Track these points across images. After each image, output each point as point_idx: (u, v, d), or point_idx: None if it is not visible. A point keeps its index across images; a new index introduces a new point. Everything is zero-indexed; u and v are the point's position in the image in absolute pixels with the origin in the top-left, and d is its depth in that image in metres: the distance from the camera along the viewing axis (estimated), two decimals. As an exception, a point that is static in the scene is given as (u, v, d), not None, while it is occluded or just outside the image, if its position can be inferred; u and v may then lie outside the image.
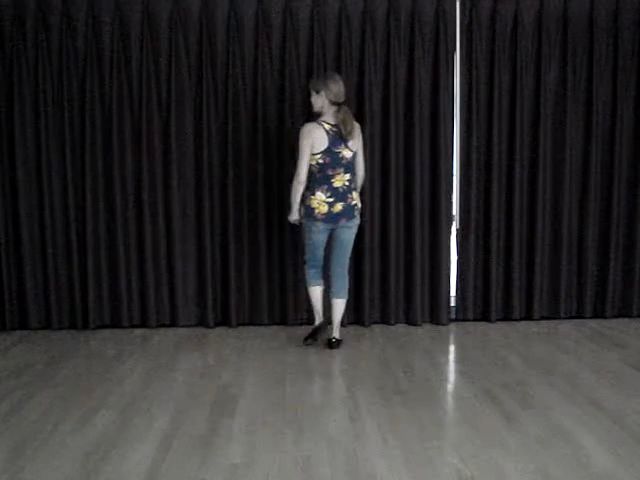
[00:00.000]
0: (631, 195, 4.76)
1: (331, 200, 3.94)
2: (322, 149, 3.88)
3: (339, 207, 3.95)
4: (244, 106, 4.55)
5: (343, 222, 3.99)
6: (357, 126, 4.00)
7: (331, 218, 3.96)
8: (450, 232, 4.74)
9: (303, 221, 4.06)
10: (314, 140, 3.88)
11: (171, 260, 4.67)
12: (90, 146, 4.53)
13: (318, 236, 4.05)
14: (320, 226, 3.99)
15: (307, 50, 4.52)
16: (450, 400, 3.37)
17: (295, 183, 3.92)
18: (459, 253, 4.78)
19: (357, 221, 4.07)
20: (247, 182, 4.60)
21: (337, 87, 3.89)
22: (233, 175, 4.57)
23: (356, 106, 4.54)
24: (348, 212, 3.98)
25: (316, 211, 3.95)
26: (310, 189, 3.97)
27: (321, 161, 3.90)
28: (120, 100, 4.51)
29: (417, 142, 4.58)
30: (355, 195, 4.03)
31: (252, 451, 2.77)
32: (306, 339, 4.24)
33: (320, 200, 3.94)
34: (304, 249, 4.24)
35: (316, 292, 4.26)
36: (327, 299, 4.30)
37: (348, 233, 4.07)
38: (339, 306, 4.18)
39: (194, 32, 4.50)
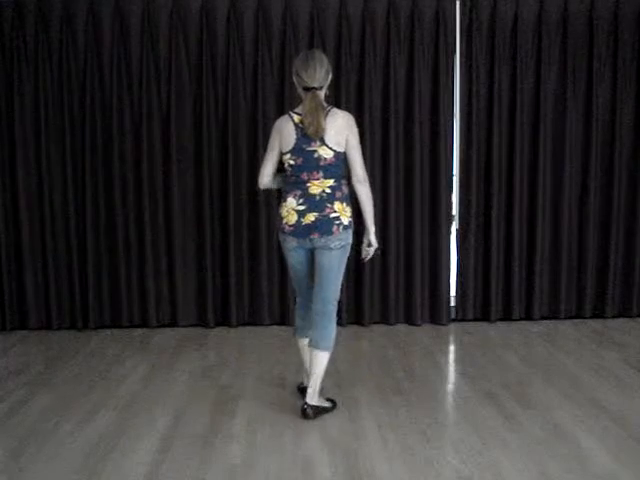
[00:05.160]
0: (631, 195, 4.75)
1: (302, 208, 3.04)
2: (290, 147, 3.04)
3: (311, 217, 3.03)
4: (244, 106, 4.56)
5: (316, 237, 3.03)
6: (343, 118, 3.04)
7: (301, 231, 3.05)
8: (450, 232, 4.73)
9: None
10: (282, 136, 3.06)
11: (171, 260, 4.67)
12: (90, 146, 4.53)
13: (292, 257, 3.16)
14: (291, 242, 3.10)
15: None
16: (450, 400, 3.37)
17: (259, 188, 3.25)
18: (459, 253, 4.78)
19: (340, 242, 3.06)
20: (247, 182, 4.59)
21: (309, 68, 2.99)
22: (233, 175, 4.57)
23: (356, 106, 4.54)
24: (323, 226, 3.02)
25: (284, 221, 3.09)
26: (283, 195, 3.15)
27: (292, 162, 3.05)
28: (120, 100, 4.51)
29: (417, 142, 4.58)
30: (339, 207, 3.05)
31: (252, 451, 2.77)
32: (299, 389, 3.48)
33: (290, 208, 3.07)
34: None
35: (301, 345, 3.32)
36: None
37: (327, 257, 3.07)
38: (316, 360, 3.10)
39: (194, 32, 4.50)
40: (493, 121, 4.60)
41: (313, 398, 3.12)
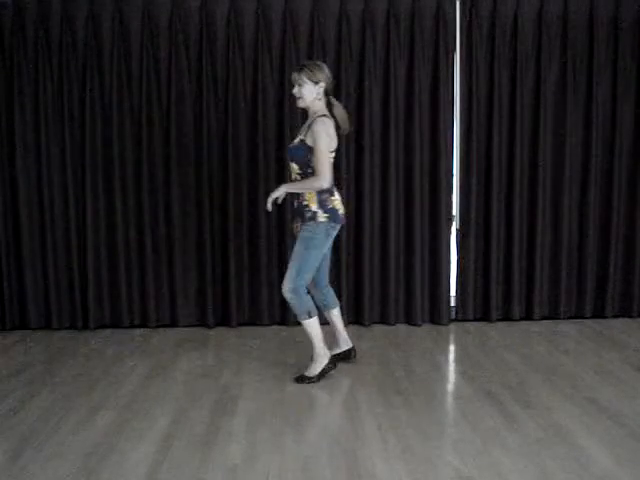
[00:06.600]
0: (631, 195, 4.75)
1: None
2: (335, 147, 3.47)
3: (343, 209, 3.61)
4: (244, 106, 4.56)
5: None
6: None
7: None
8: (450, 232, 4.74)
9: (317, 234, 3.45)
10: (332, 137, 3.44)
11: (171, 260, 4.67)
12: (90, 146, 4.53)
13: (330, 243, 3.58)
14: (338, 230, 3.56)
15: (307, 50, 4.52)
16: (450, 400, 3.37)
17: (317, 186, 3.37)
18: (459, 253, 4.78)
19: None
20: (247, 182, 4.59)
21: (329, 77, 3.49)
22: (233, 175, 4.57)
23: (356, 106, 4.54)
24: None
25: (339, 212, 3.51)
26: (329, 190, 3.47)
27: (332, 160, 3.46)
28: (120, 99, 4.51)
29: (417, 142, 4.58)
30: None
31: (252, 451, 2.77)
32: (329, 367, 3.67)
33: (339, 201, 3.54)
34: (297, 273, 3.49)
35: (317, 322, 3.60)
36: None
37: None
38: (340, 316, 3.87)
39: (194, 32, 4.50)
40: (493, 121, 4.60)
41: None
